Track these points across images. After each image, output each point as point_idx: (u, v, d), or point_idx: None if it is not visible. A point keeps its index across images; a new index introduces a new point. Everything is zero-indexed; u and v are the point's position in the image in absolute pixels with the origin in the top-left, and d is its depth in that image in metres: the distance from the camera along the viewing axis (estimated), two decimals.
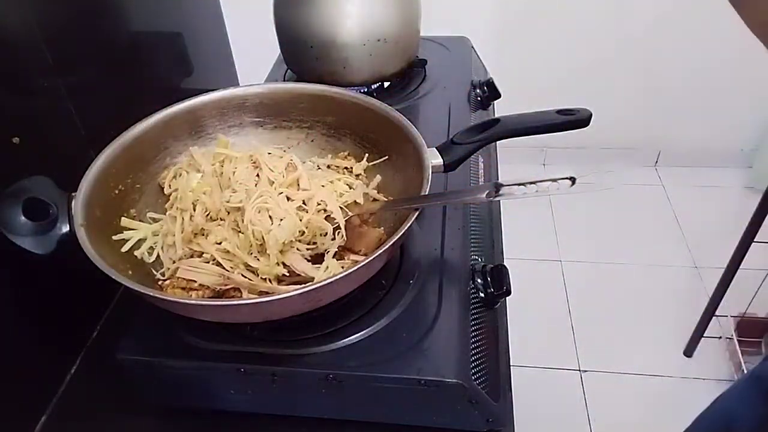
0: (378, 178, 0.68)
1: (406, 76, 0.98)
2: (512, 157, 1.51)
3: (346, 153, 0.71)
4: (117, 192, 0.62)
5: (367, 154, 0.69)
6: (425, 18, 0.95)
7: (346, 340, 0.54)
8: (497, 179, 0.86)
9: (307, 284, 0.48)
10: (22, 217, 0.52)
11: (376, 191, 0.67)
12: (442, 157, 0.61)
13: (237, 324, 0.56)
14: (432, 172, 0.58)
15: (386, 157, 0.68)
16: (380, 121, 0.66)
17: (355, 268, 0.48)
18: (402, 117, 0.64)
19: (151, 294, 0.49)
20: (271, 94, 0.73)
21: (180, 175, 0.66)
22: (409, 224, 0.52)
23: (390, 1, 0.87)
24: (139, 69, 0.84)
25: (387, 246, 0.50)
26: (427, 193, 0.55)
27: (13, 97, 0.59)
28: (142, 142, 0.65)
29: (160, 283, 0.59)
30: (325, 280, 0.47)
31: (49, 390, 0.63)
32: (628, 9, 1.83)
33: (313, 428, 0.58)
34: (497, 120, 0.62)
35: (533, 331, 1.58)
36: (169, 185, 0.66)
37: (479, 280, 0.61)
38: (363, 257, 0.55)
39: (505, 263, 0.65)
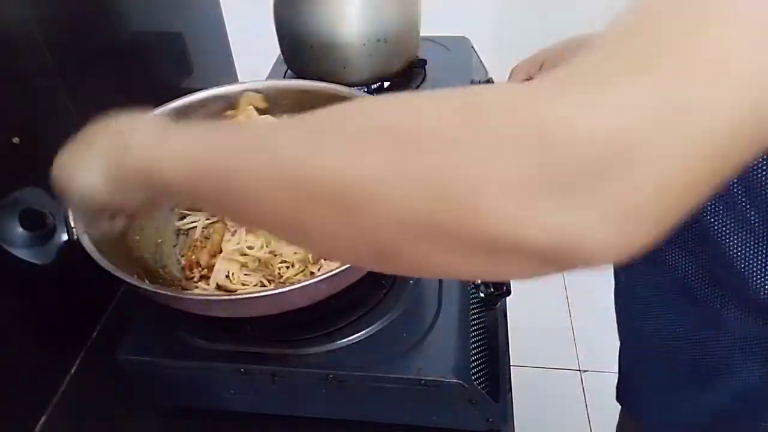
0: None
1: (406, 77, 0.98)
2: None
3: None
4: None
5: None
6: (425, 18, 0.95)
7: (346, 340, 0.54)
8: None
9: (327, 272, 0.48)
10: (20, 229, 0.52)
11: None
12: None
13: (237, 324, 0.56)
14: None
15: None
16: None
17: None
18: None
19: (171, 294, 0.49)
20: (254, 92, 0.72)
21: None
22: None
23: (390, 2, 0.87)
24: (139, 69, 0.84)
25: None
26: None
27: (13, 97, 0.59)
28: None
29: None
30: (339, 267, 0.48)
31: (49, 390, 0.63)
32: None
33: (313, 428, 0.58)
34: None
35: (533, 331, 1.58)
36: None
37: (479, 280, 0.61)
38: None
39: None
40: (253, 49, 1.28)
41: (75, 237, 0.53)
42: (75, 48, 0.69)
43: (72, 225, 0.53)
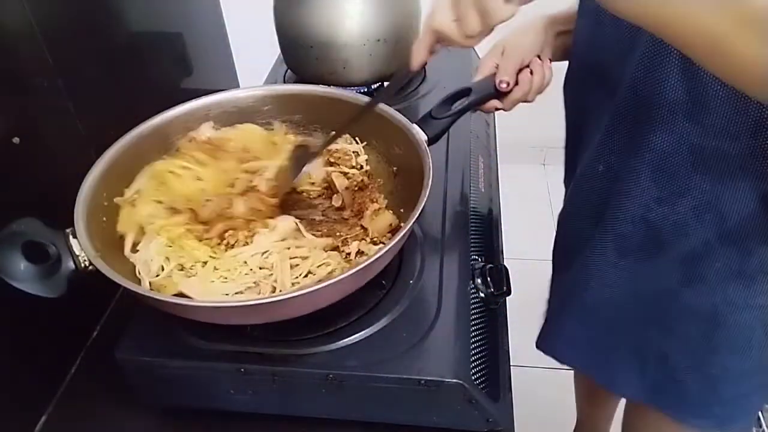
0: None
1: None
2: (512, 157, 1.50)
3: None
4: (105, 221, 0.60)
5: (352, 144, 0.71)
6: (425, 18, 0.95)
7: (346, 340, 0.54)
8: (497, 179, 0.86)
9: (327, 279, 0.48)
10: (24, 262, 0.50)
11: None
12: (425, 132, 0.63)
13: (237, 324, 0.56)
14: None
15: (365, 143, 0.70)
16: (353, 109, 0.67)
17: (369, 261, 0.49)
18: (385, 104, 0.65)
19: (173, 302, 0.50)
20: (234, 101, 0.72)
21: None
22: (418, 213, 0.52)
23: (390, 2, 0.87)
24: (139, 69, 0.84)
25: (397, 238, 0.52)
26: (431, 167, 0.56)
27: (13, 97, 0.59)
28: (115, 169, 0.62)
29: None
30: (341, 275, 0.48)
31: (49, 390, 0.63)
32: None
33: (313, 428, 0.58)
34: (469, 89, 0.66)
35: (533, 331, 1.58)
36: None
37: (479, 280, 0.61)
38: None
39: (505, 263, 0.65)
40: (253, 49, 1.28)
41: (82, 265, 0.51)
42: (75, 48, 0.69)
43: (77, 253, 0.51)
